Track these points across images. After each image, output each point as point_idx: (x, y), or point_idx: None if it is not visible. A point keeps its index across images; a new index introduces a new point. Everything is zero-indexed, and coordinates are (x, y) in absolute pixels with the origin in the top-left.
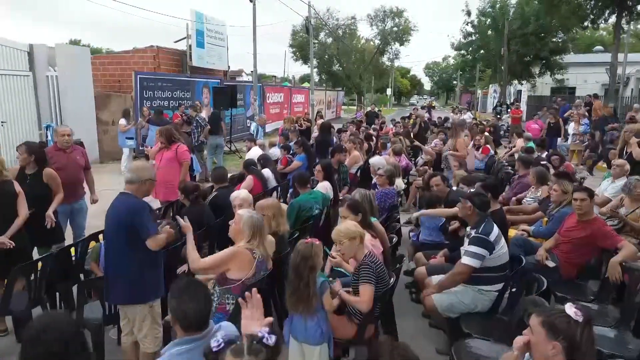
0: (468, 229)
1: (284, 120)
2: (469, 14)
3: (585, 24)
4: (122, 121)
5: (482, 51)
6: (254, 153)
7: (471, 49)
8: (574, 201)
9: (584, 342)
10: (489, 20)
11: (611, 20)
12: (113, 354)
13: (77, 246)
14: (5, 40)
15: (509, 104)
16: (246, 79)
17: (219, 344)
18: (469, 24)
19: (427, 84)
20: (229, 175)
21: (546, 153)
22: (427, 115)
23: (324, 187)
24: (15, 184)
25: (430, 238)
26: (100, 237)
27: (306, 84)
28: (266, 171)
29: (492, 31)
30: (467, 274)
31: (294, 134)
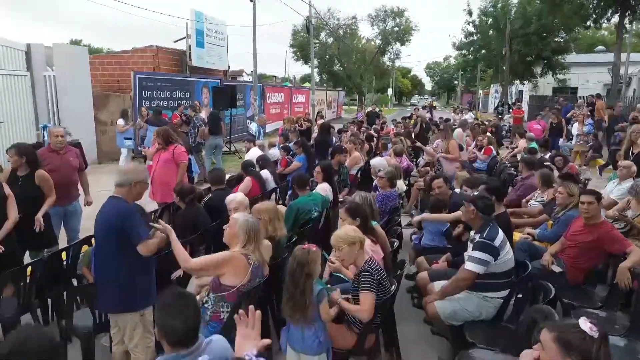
0: (472, 233)
1: (284, 121)
2: (470, 13)
3: (588, 23)
4: (120, 121)
5: (483, 51)
6: (253, 154)
7: (472, 49)
8: (580, 204)
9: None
10: (490, 19)
11: (614, 20)
12: None
13: (68, 250)
14: (2, 39)
15: (511, 104)
16: (247, 79)
17: None
18: (470, 24)
19: (428, 84)
20: (227, 176)
21: (549, 154)
22: (429, 116)
23: (323, 189)
24: (5, 187)
25: (433, 243)
26: (92, 240)
27: (307, 84)
28: (265, 172)
29: (493, 31)
30: (471, 280)
31: (293, 135)
